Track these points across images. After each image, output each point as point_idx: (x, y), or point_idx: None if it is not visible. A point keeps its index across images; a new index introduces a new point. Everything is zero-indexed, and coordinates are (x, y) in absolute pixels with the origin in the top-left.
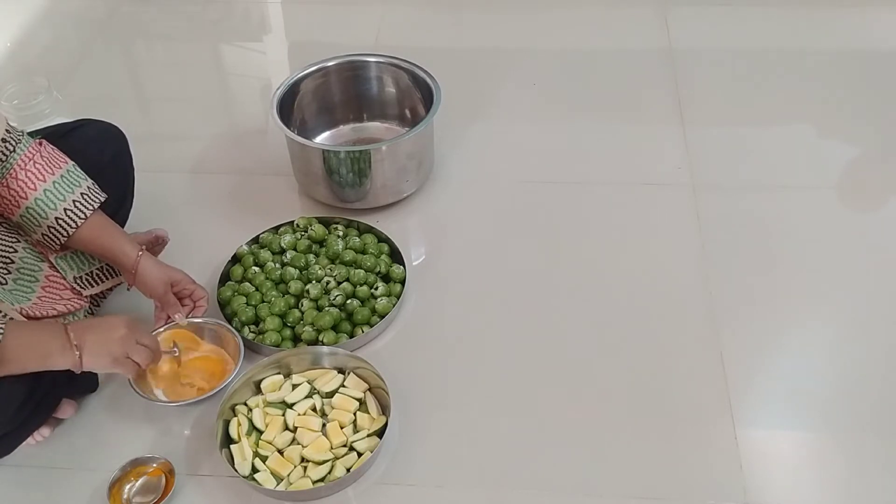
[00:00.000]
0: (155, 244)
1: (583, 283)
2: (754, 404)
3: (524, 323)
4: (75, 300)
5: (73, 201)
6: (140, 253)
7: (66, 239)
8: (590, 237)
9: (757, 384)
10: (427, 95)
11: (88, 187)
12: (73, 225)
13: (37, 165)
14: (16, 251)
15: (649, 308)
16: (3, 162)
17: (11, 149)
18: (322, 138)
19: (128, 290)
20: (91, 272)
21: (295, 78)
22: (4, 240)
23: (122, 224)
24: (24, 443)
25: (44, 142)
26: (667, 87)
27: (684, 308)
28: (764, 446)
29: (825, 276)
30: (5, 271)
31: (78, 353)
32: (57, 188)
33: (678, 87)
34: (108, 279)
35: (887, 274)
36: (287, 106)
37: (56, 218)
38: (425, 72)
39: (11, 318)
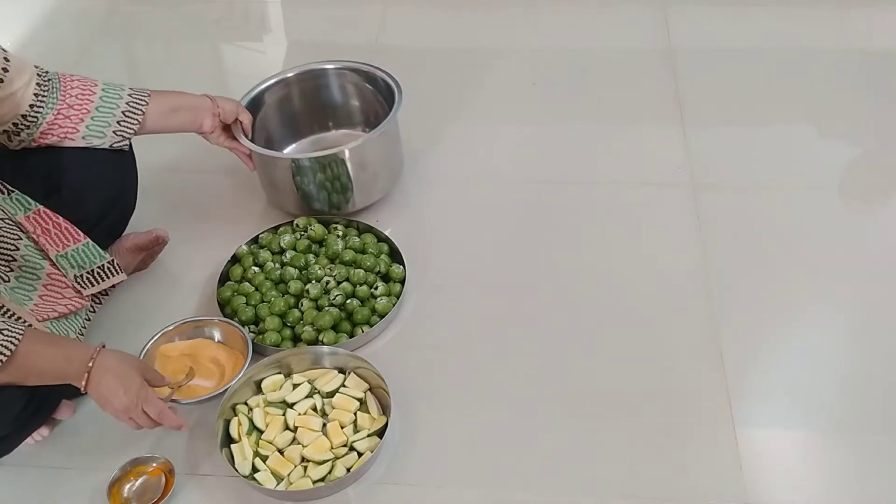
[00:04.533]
0: (155, 244)
1: (582, 282)
2: (754, 404)
3: (524, 323)
4: (76, 300)
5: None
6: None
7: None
8: (590, 237)
9: (757, 384)
10: (389, 97)
11: (129, 93)
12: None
13: (80, 90)
14: (17, 248)
15: (649, 308)
16: (42, 105)
17: (46, 90)
18: (289, 150)
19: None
20: (92, 270)
21: (255, 92)
22: (7, 236)
23: (123, 227)
24: (23, 443)
25: (65, 75)
26: (667, 87)
27: (684, 308)
28: (764, 446)
29: (825, 275)
30: (7, 268)
31: (85, 383)
32: (103, 107)
33: (678, 87)
34: (108, 277)
35: (887, 274)
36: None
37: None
38: (386, 73)
39: (30, 325)
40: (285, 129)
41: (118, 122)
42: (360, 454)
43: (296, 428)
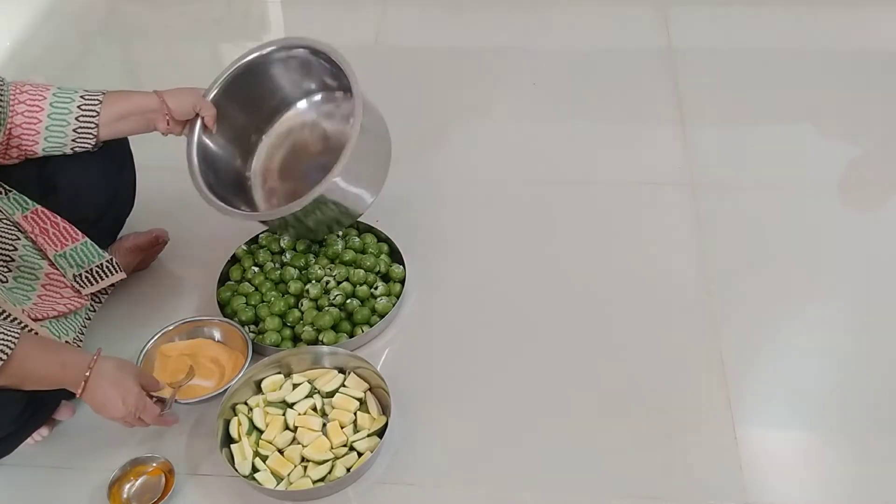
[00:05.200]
0: (155, 244)
1: (582, 282)
2: (754, 404)
3: (524, 322)
4: (75, 299)
5: (80, 100)
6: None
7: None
8: (589, 237)
9: (757, 384)
10: (332, 64)
11: (81, 96)
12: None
13: (27, 105)
14: (16, 249)
15: (649, 308)
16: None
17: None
18: (263, 145)
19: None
20: (90, 269)
21: (210, 96)
22: (5, 236)
23: (120, 226)
24: (23, 443)
25: (17, 84)
26: (667, 87)
27: (684, 308)
28: (764, 446)
29: (825, 275)
30: (5, 268)
31: (81, 390)
32: (55, 115)
33: (678, 87)
34: (107, 276)
35: (887, 274)
36: (207, 155)
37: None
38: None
39: (29, 329)
40: (249, 121)
41: (73, 140)
42: (360, 454)
43: (296, 428)
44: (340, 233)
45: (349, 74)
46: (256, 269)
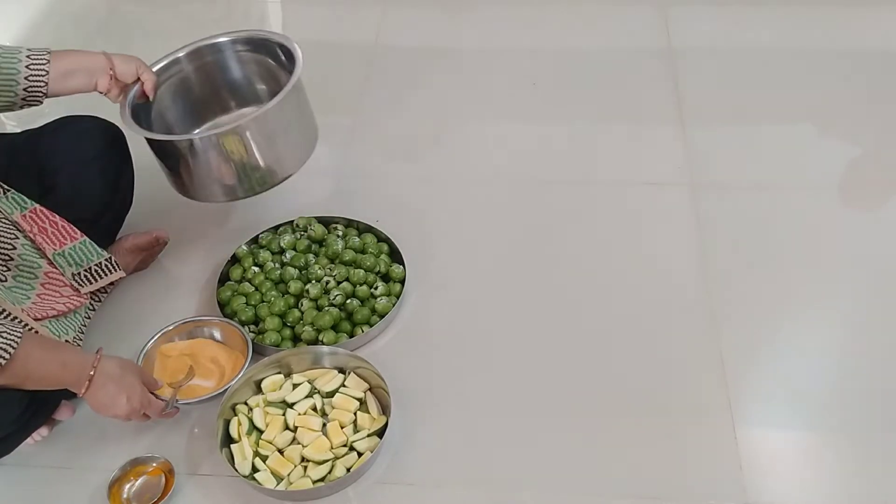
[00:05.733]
0: (154, 244)
1: (582, 282)
2: (754, 404)
3: (524, 322)
4: (75, 298)
5: (27, 59)
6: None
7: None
8: (589, 237)
9: (757, 384)
10: (292, 65)
11: (27, 55)
12: (44, 72)
13: None
14: (15, 248)
15: (649, 308)
16: None
17: None
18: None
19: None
20: (89, 268)
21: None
22: (4, 235)
23: (119, 225)
24: (23, 443)
25: None
26: (667, 87)
27: (684, 308)
28: (764, 446)
29: (825, 275)
30: (4, 268)
31: (85, 390)
32: (4, 73)
33: (678, 87)
34: (106, 275)
35: (887, 274)
36: (145, 113)
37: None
38: (282, 37)
39: (28, 328)
40: (185, 115)
41: (23, 99)
42: (360, 454)
43: (296, 428)
44: (340, 233)
45: (297, 61)
46: (256, 269)
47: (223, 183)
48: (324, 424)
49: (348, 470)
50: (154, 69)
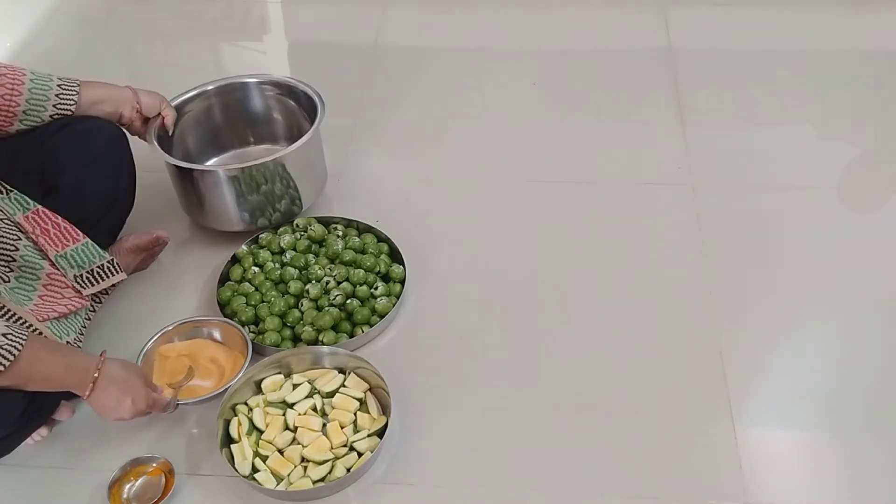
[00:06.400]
0: (155, 244)
1: (582, 282)
2: (754, 404)
3: (524, 322)
4: (76, 300)
5: (58, 88)
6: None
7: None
8: (589, 237)
9: (757, 384)
10: (311, 111)
11: (59, 85)
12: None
13: (7, 88)
14: (17, 249)
15: (649, 308)
16: None
17: None
18: (211, 164)
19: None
20: (91, 270)
21: (174, 104)
22: (6, 236)
23: (120, 225)
24: (23, 443)
25: None
26: (667, 87)
27: (684, 308)
28: (764, 446)
29: (825, 275)
30: (7, 269)
31: (89, 392)
32: (34, 101)
33: (678, 87)
34: (108, 277)
35: (887, 274)
36: (167, 136)
37: (56, 94)
38: (308, 86)
39: (32, 328)
40: (204, 144)
41: (51, 116)
42: (360, 454)
43: (296, 428)
44: (340, 233)
45: (320, 111)
46: (256, 269)
47: (238, 214)
48: (324, 424)
49: (348, 470)
50: (182, 98)
